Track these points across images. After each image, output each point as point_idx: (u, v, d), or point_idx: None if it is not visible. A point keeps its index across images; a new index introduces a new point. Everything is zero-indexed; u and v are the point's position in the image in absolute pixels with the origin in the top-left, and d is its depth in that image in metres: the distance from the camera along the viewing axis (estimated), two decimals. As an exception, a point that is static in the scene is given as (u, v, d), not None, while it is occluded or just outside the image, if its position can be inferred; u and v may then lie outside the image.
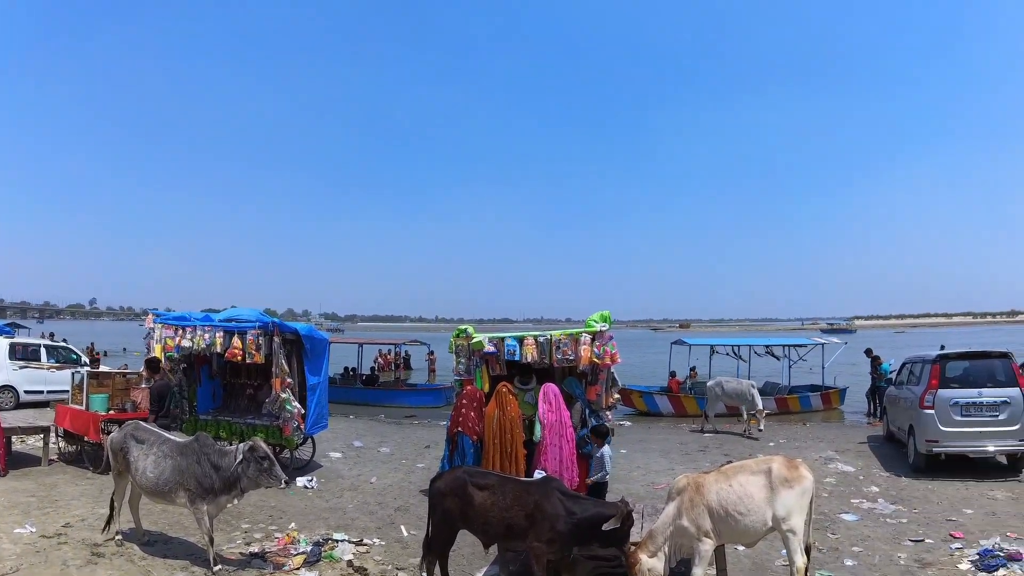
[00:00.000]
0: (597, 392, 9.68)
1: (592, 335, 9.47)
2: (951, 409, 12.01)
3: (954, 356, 13.08)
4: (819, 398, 23.38)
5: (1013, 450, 12.03)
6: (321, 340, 12.48)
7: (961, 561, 7.90)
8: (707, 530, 6.19)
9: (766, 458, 6.64)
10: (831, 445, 15.37)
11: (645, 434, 17.85)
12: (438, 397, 25.42)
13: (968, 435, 11.97)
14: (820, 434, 17.58)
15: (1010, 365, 12.47)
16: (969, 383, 12.34)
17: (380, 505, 10.51)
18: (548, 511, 6.21)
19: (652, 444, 16.02)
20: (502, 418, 9.03)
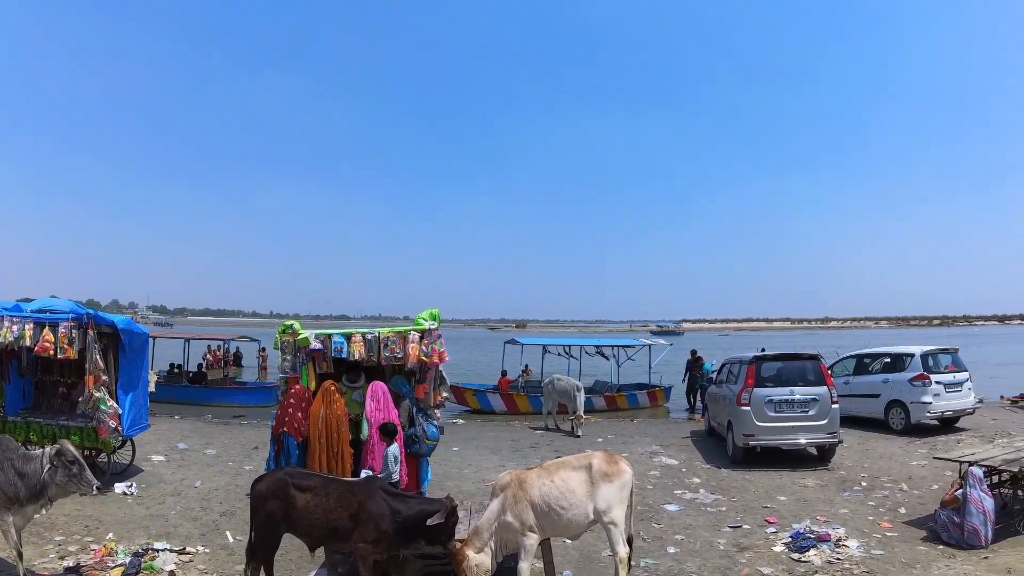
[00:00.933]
0: (425, 390, 9.50)
1: (421, 333, 9.29)
2: (766, 406, 12.86)
3: (768, 358, 13.97)
4: (646, 396, 24.31)
5: (822, 442, 12.95)
6: (140, 334, 11.67)
7: (775, 544, 8.38)
8: (531, 525, 6.31)
9: (587, 454, 6.85)
10: (656, 440, 15.91)
11: (478, 432, 17.87)
12: (268, 396, 24.42)
13: (781, 429, 12.82)
14: (646, 430, 18.19)
15: (819, 366, 13.50)
16: (782, 382, 13.24)
17: (205, 511, 10.01)
18: (372, 511, 6.11)
19: (484, 442, 16.05)
20: (328, 416, 8.72)
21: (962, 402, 16.47)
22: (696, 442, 15.82)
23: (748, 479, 11.88)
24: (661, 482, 11.78)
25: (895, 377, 16.77)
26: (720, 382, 15.78)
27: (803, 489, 11.19)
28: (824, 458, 13.12)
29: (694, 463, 13.39)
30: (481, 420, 20.82)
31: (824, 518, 9.39)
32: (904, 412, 16.16)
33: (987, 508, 8.10)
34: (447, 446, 14.45)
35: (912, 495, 10.61)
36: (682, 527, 9.24)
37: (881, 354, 18.41)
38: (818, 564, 7.64)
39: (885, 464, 12.78)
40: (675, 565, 7.81)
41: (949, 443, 14.36)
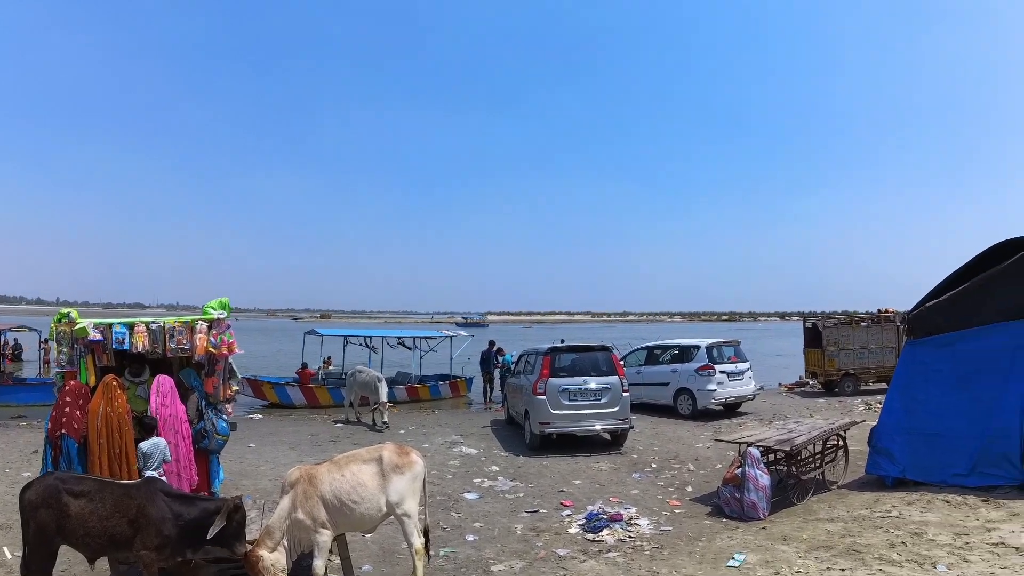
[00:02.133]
0: (215, 384, 8.89)
1: (209, 323, 8.68)
2: (560, 395, 13.18)
3: (563, 349, 14.39)
4: (448, 387, 24.25)
5: (614, 428, 13.45)
6: None
7: (571, 526, 8.48)
8: (323, 521, 6.09)
9: (377, 446, 6.67)
10: (456, 430, 15.86)
11: (276, 427, 17.10)
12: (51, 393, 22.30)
13: (576, 417, 13.17)
14: (448, 420, 18.11)
15: (611, 357, 14.08)
16: (576, 372, 13.63)
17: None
18: (153, 515, 5.61)
19: (282, 437, 15.36)
20: (109, 414, 7.92)
21: (743, 389, 17.69)
22: (496, 431, 15.92)
23: (545, 465, 12.04)
24: (461, 471, 11.69)
25: (683, 367, 17.77)
26: (518, 373, 16.02)
27: (597, 472, 11.46)
28: (617, 443, 13.62)
29: (493, 451, 13.44)
30: (280, 414, 19.95)
31: (617, 499, 9.65)
32: (691, 399, 17.15)
33: (763, 484, 8.63)
34: (243, 443, 13.78)
35: (698, 474, 11.15)
36: (481, 514, 9.18)
37: (670, 346, 19.39)
38: (611, 543, 7.80)
39: (674, 447, 13.40)
40: (474, 552, 7.71)
41: (731, 426, 15.31)
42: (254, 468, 12.02)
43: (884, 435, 9.71)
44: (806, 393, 22.94)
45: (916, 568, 6.12)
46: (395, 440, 13.42)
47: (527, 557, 7.50)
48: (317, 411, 20.55)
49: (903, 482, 9.32)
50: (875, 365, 21.90)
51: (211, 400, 8.86)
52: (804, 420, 12.28)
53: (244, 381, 20.55)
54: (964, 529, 7.18)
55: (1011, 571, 5.81)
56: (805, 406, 18.99)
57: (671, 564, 6.90)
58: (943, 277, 10.30)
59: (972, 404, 8.98)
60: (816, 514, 8.50)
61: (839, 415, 15.35)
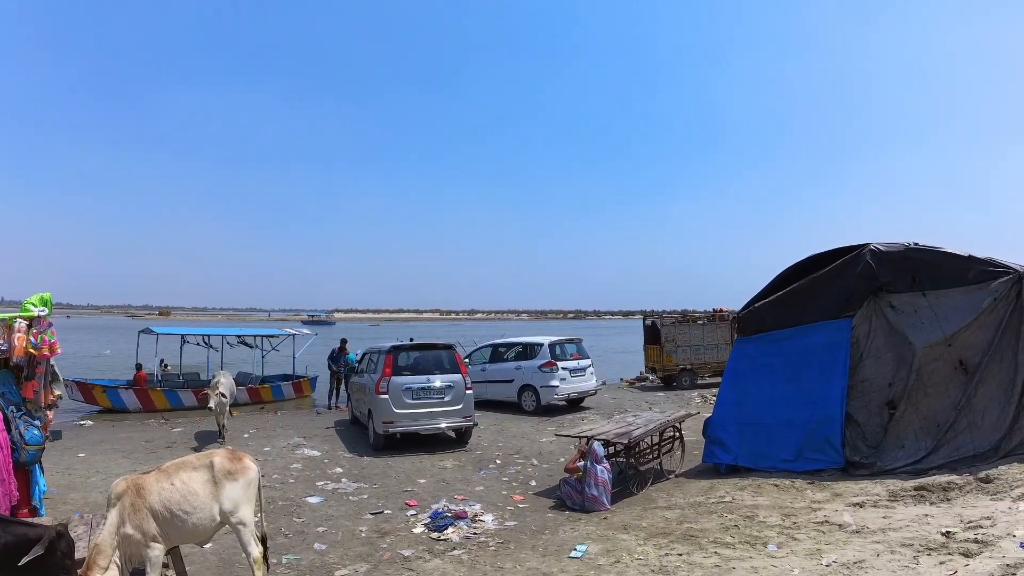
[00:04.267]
0: (35, 388, 8.18)
1: (29, 321, 7.99)
2: (404, 394, 13.11)
3: (406, 347, 14.27)
4: (291, 387, 23.55)
5: (459, 425, 13.52)
6: None
7: (416, 526, 8.40)
8: (154, 534, 5.72)
9: (208, 452, 6.35)
10: (299, 432, 15.44)
11: (108, 433, 16.04)
12: None
13: (420, 415, 13.13)
14: (291, 422, 17.58)
15: (454, 355, 14.14)
16: (420, 371, 13.59)
17: None
18: None
19: (115, 444, 14.43)
20: None
21: (586, 385, 18.18)
22: (340, 432, 15.63)
23: (390, 465, 11.92)
24: (303, 474, 11.36)
25: (527, 364, 18.07)
26: (362, 371, 15.81)
27: (442, 471, 11.45)
28: (462, 440, 13.71)
29: (337, 453, 13.16)
30: (113, 420, 18.73)
31: (462, 496, 9.65)
32: (535, 395, 17.45)
33: (604, 479, 8.90)
34: (71, 452, 12.93)
35: (542, 469, 11.35)
36: (324, 518, 8.94)
37: (514, 343, 19.66)
38: (456, 540, 7.78)
39: (518, 442, 13.57)
40: (317, 557, 7.48)
41: (574, 421, 15.68)
42: (83, 480, 11.20)
43: (718, 426, 10.26)
44: (646, 387, 23.86)
45: (749, 548, 6.42)
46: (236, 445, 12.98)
47: (372, 560, 7.36)
48: (153, 415, 19.47)
49: (736, 469, 9.86)
50: (711, 360, 23.11)
51: (30, 406, 8.17)
52: (642, 413, 12.70)
53: (72, 385, 19.24)
54: (792, 510, 7.63)
55: (835, 546, 6.20)
56: (645, 400, 19.73)
57: (515, 558, 6.94)
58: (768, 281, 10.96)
59: (799, 395, 9.64)
60: (655, 503, 8.81)
61: (676, 408, 16.01)
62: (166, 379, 22.67)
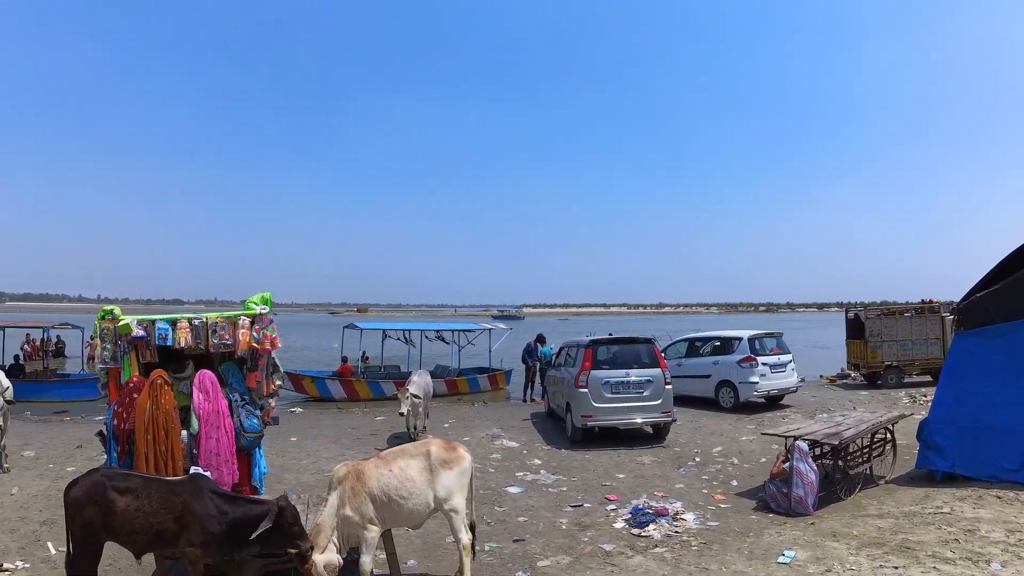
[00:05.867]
0: (257, 379, 8.89)
1: (251, 318, 8.69)
2: (603, 388, 13.12)
3: (604, 341, 14.28)
4: (487, 380, 24.25)
5: (657, 421, 13.39)
6: None
7: (616, 521, 8.43)
8: (371, 517, 6.10)
9: (424, 441, 6.65)
10: (497, 423, 15.88)
11: (316, 420, 17.25)
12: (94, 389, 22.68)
13: (618, 410, 13.11)
14: (487, 413, 18.15)
15: (653, 349, 13.95)
16: (618, 365, 13.55)
17: (23, 520, 8.98)
18: (198, 512, 5.63)
19: (323, 430, 15.47)
20: (155, 412, 7.98)
21: (786, 381, 17.48)
22: (536, 424, 15.90)
23: (587, 459, 12.00)
24: (503, 465, 11.70)
25: (725, 359, 17.60)
26: (559, 365, 15.97)
27: (640, 466, 11.41)
28: (660, 436, 13.56)
29: (535, 445, 13.42)
30: (320, 408, 20.15)
31: (661, 493, 9.60)
32: (733, 391, 16.98)
33: (811, 480, 8.53)
34: (284, 436, 13.89)
35: (742, 468, 11.05)
36: (525, 508, 9.17)
37: (711, 338, 19.23)
38: (657, 538, 7.75)
39: (717, 440, 13.29)
40: (519, 547, 7.70)
41: (775, 419, 15.15)
42: (296, 462, 12.11)
43: (934, 429, 9.55)
44: (848, 385, 22.63)
45: (971, 565, 6.01)
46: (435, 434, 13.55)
47: (573, 552, 7.48)
48: (357, 404, 20.71)
49: (953, 477, 9.17)
50: (919, 357, 21.53)
51: (254, 396, 8.91)
52: (850, 413, 12.13)
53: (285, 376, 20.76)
54: (1018, 526, 7.04)
55: (1070, 570, 5.70)
56: (848, 398, 18.75)
57: (720, 560, 6.84)
58: (987, 269, 10.13)
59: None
60: (865, 510, 8.38)
61: (884, 408, 15.12)
62: (368, 371, 23.99)
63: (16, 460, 12.01)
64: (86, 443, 13.47)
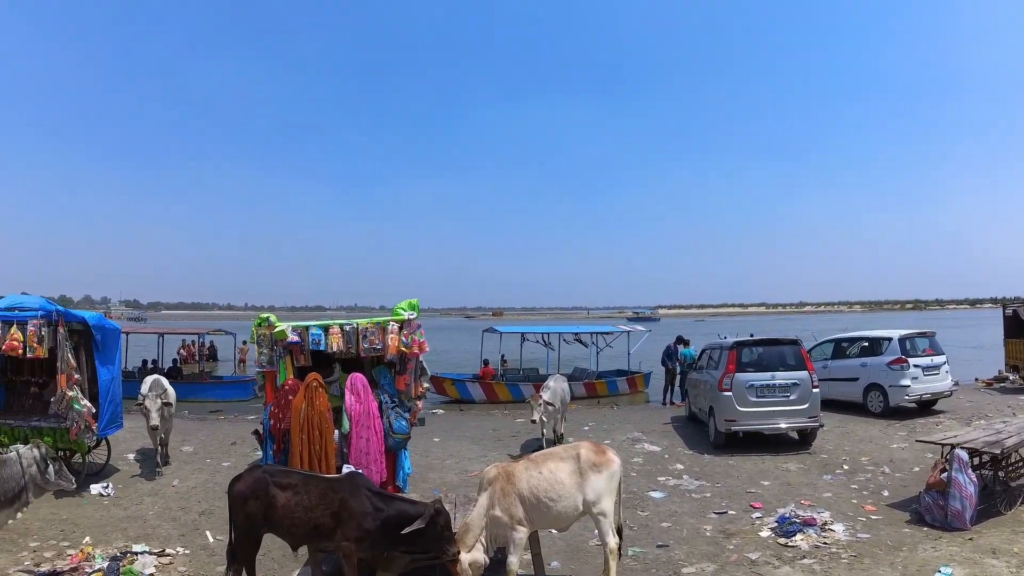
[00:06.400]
0: (406, 382, 9.32)
1: (400, 323, 9.12)
2: (747, 391, 12.91)
3: (749, 343, 13.99)
4: (625, 382, 24.30)
5: (803, 426, 13.03)
6: (113, 330, 11.32)
7: (762, 529, 8.38)
8: (520, 518, 6.23)
9: (574, 444, 6.75)
10: (637, 427, 15.87)
11: (458, 422, 17.78)
12: (246, 390, 24.27)
13: (763, 414, 12.88)
14: (627, 416, 18.16)
15: (799, 351, 13.58)
16: (763, 367, 13.29)
17: (183, 510, 9.77)
18: (355, 509, 5.99)
19: (465, 431, 15.91)
20: (309, 412, 8.49)
21: (940, 385, 16.64)
22: (677, 428, 15.81)
23: (731, 464, 11.90)
24: (644, 469, 11.76)
25: (873, 361, 16.91)
26: (701, 368, 15.81)
27: (786, 473, 11.23)
28: (806, 442, 13.19)
29: (676, 449, 13.38)
30: (460, 410, 20.74)
31: (808, 502, 9.44)
32: (883, 395, 16.30)
33: (970, 492, 8.17)
34: (427, 437, 14.33)
35: (894, 478, 10.70)
36: (668, 514, 9.22)
37: (859, 338, 18.52)
38: (805, 548, 7.65)
39: (866, 447, 12.86)
40: (663, 553, 7.78)
41: (928, 426, 14.51)
42: (439, 462, 12.56)
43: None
44: (1007, 389, 21.19)
45: None
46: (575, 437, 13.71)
47: (718, 560, 7.50)
48: (497, 406, 21.17)
49: None
50: (1088, 358, 20.06)
51: (403, 398, 9.33)
52: (1011, 420, 11.52)
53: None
54: None
55: None
56: (1007, 404, 17.62)
57: (871, 574, 6.74)
58: None
59: None
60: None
61: (1049, 414, 14.24)
62: (508, 373, 24.45)
63: (176, 455, 12.93)
64: (240, 440, 14.41)
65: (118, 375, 11.48)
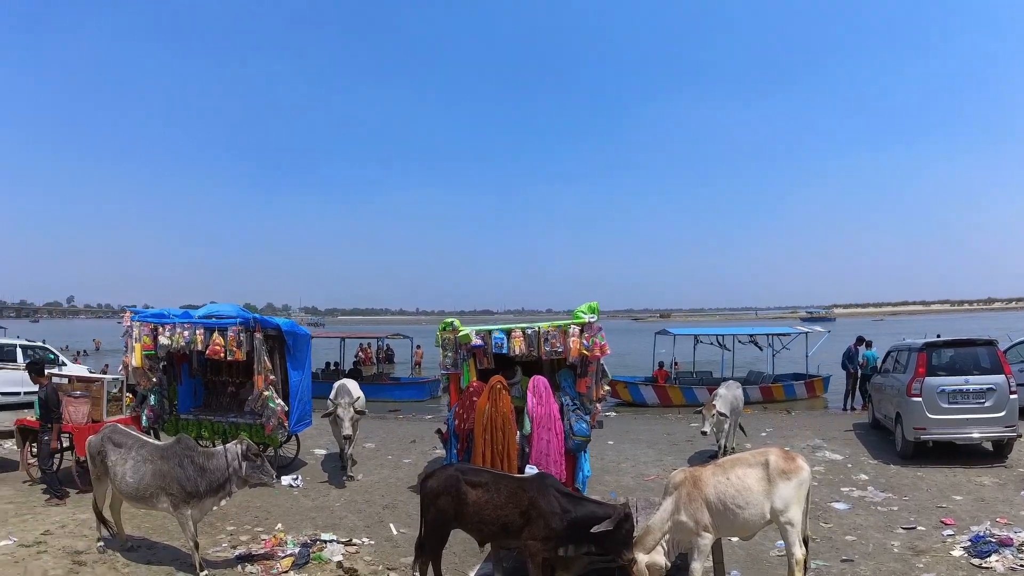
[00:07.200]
0: (587, 384, 9.48)
1: (580, 326, 9.31)
2: (938, 396, 12.15)
3: (940, 344, 13.16)
4: (803, 387, 23.51)
5: (999, 436, 12.15)
6: (303, 336, 12.32)
7: (954, 548, 7.97)
8: (706, 524, 6.19)
9: (762, 450, 6.65)
10: (818, 433, 15.42)
11: (631, 425, 17.88)
12: (422, 391, 25.42)
13: (955, 422, 12.08)
14: (806, 422, 17.67)
15: (995, 352, 12.61)
16: (955, 371, 12.48)
17: (368, 503, 10.37)
18: (543, 508, 6.16)
19: (639, 435, 15.98)
20: (493, 414, 8.79)
21: None
22: (860, 435, 15.25)
23: (919, 476, 11.37)
24: (826, 479, 11.43)
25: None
26: (886, 371, 15.08)
27: (980, 488, 10.60)
28: (1001, 454, 12.37)
29: (860, 458, 12.92)
30: (633, 413, 20.80)
31: (1005, 520, 8.89)
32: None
33: None
34: (602, 440, 14.42)
35: (1106, 496, 9.92)
36: (852, 527, 8.95)
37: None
38: (1001, 571, 7.23)
39: (1071, 460, 11.96)
40: (848, 568, 7.58)
41: None
42: (615, 465, 12.69)
43: None
44: None
45: None
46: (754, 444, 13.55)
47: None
48: (670, 410, 21.09)
49: None
50: None
51: (584, 400, 9.55)
52: None
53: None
54: None
55: None
56: None
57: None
58: None
59: None
60: None
61: None
62: (680, 376, 24.27)
63: (359, 452, 13.60)
64: (419, 438, 15.21)
65: (308, 377, 12.50)
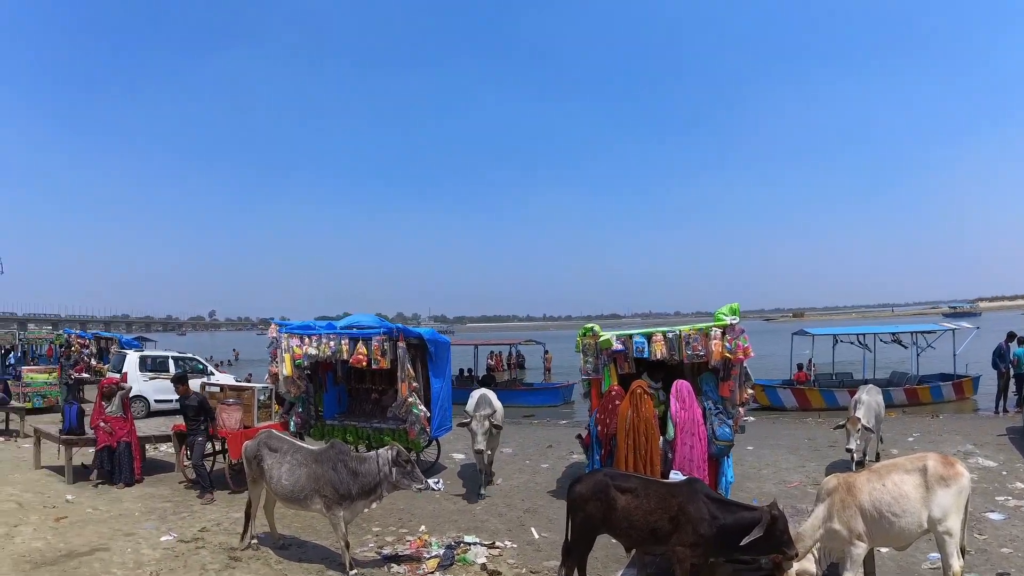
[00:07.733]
0: (730, 388, 9.27)
1: (722, 329, 9.16)
2: None
3: None
4: (951, 388, 22.14)
5: None
6: (444, 344, 12.67)
7: (1124, 564, 7.51)
8: (860, 532, 6.04)
9: (920, 455, 6.40)
10: (968, 438, 14.66)
11: (770, 429, 17.40)
12: (555, 396, 25.60)
13: None
14: (955, 426, 16.78)
15: None
16: None
17: (508, 507, 10.53)
18: (693, 514, 6.10)
19: (779, 440, 15.58)
20: (635, 419, 8.76)
21: None
22: (1014, 440, 14.37)
23: (1084, 486, 10.65)
24: (980, 487, 10.82)
25: None
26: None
27: None
28: None
29: (1016, 465, 12.22)
30: (772, 417, 20.27)
31: None
32: None
33: None
34: (741, 445, 14.11)
35: None
36: (1008, 538, 8.52)
37: None
38: None
39: None
40: (1003, 582, 7.28)
41: None
42: (755, 471, 12.47)
43: None
44: None
45: None
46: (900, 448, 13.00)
47: (1072, 597, 6.91)
48: (809, 414, 20.46)
49: None
50: None
51: (727, 404, 9.40)
52: None
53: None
54: None
55: None
56: None
57: None
58: None
59: None
60: None
61: None
62: (819, 378, 23.49)
63: (497, 456, 13.50)
64: (555, 443, 15.31)
65: (448, 383, 12.86)
